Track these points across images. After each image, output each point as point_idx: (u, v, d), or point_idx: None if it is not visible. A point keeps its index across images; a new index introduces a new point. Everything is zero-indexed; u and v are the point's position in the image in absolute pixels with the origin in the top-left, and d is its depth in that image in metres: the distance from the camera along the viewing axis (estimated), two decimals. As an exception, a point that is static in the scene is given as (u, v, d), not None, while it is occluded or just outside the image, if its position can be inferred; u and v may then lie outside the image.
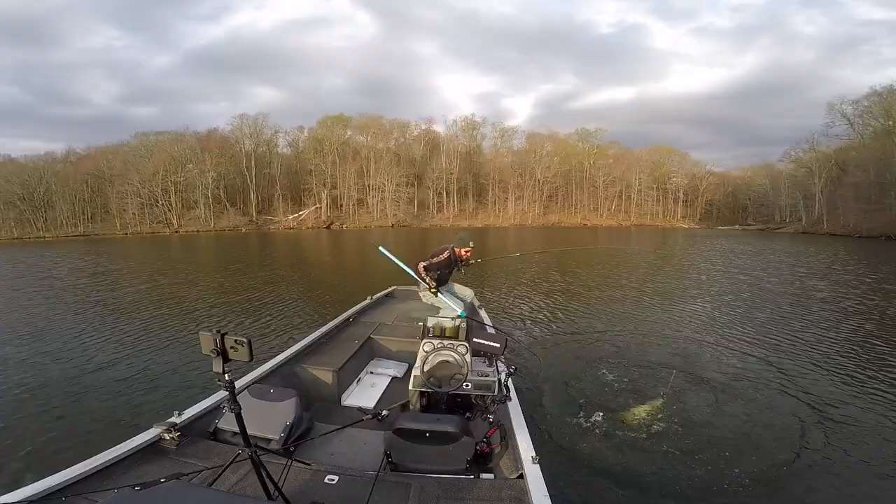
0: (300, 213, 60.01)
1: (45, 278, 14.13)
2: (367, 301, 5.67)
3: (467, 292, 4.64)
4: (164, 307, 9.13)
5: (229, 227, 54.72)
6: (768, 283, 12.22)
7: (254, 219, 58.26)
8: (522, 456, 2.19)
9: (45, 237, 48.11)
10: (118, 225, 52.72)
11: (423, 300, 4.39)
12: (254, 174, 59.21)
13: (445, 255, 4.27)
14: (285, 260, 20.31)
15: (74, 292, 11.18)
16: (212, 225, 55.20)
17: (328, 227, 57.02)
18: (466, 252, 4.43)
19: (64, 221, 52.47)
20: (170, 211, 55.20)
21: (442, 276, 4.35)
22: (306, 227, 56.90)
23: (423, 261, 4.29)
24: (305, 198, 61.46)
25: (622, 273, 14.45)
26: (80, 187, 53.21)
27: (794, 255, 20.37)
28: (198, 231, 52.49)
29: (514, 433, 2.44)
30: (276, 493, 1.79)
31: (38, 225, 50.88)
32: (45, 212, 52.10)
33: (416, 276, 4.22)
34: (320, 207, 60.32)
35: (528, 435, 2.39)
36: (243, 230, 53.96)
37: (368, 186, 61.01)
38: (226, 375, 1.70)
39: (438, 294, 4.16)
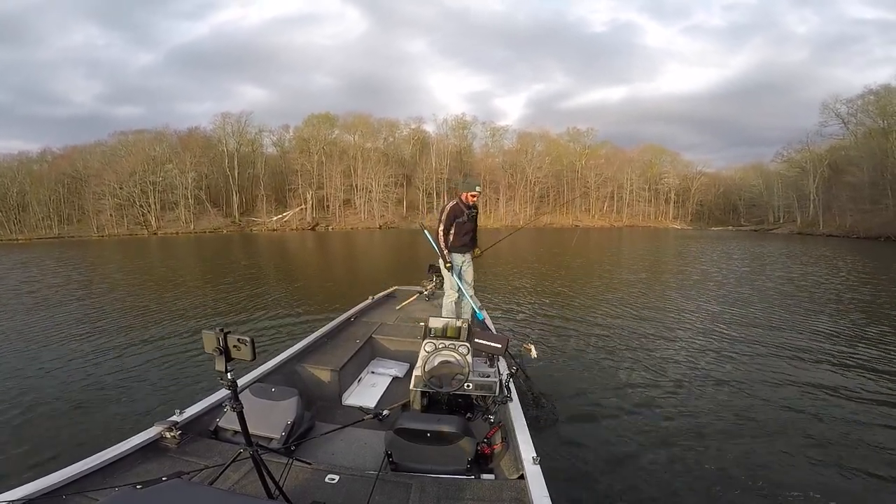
0: (284, 214, 59.05)
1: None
2: (369, 301, 5.63)
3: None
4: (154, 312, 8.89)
5: (210, 229, 53.53)
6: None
7: (236, 220, 57.18)
8: (523, 456, 2.18)
9: (17, 239, 46.41)
10: (94, 227, 51.13)
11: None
12: (237, 174, 58.12)
13: (450, 205, 4.03)
14: (269, 263, 19.98)
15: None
16: (192, 227, 53.97)
17: (313, 229, 56.23)
18: (473, 197, 4.08)
19: (38, 223, 50.71)
20: (148, 212, 53.85)
21: (465, 238, 4.18)
22: (290, 228, 55.95)
23: (439, 224, 4.10)
24: (290, 199, 60.57)
25: (633, 273, 14.37)
26: (55, 188, 51.51)
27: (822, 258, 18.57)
28: (177, 233, 51.17)
29: (514, 433, 2.44)
30: (277, 493, 1.78)
31: (9, 227, 49.09)
32: (19, 213, 50.36)
33: (436, 246, 4.20)
34: (305, 208, 59.50)
35: (529, 435, 2.39)
36: (224, 232, 52.84)
37: (355, 187, 60.31)
38: (228, 374, 1.70)
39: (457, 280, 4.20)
